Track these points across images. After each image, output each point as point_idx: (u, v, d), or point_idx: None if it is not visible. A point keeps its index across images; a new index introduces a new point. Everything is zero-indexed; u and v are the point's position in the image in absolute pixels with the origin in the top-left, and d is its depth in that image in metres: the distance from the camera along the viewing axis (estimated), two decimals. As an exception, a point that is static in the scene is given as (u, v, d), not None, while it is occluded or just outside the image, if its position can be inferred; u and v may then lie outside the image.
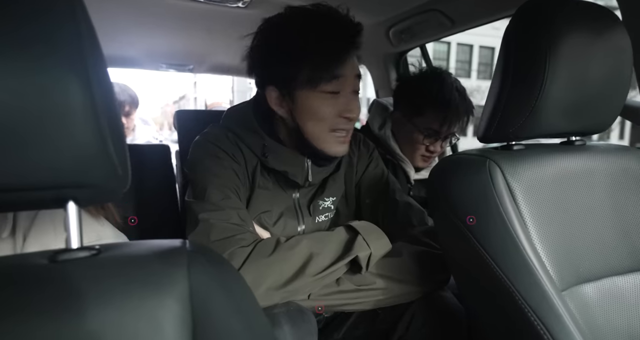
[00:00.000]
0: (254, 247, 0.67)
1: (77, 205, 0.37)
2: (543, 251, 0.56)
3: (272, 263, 0.66)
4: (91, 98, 0.32)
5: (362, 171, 0.93)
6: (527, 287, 0.52)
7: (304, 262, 0.67)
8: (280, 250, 0.67)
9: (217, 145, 0.77)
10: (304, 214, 0.84)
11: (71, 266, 0.35)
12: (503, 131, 0.64)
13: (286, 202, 0.83)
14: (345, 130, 0.76)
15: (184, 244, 0.42)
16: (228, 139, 0.79)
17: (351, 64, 0.74)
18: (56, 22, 0.31)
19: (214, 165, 0.75)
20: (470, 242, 0.57)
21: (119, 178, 0.36)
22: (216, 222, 0.68)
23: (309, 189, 0.86)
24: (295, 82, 0.72)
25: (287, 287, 0.66)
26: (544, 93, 0.59)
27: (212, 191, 0.71)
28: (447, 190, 0.63)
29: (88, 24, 0.33)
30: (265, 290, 0.64)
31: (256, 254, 0.66)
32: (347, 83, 0.74)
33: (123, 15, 1.27)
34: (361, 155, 0.94)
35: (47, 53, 0.30)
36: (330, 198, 0.88)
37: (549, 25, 0.58)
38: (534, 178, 0.61)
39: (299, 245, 0.68)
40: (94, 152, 0.33)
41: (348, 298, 0.72)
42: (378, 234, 0.74)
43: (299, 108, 0.74)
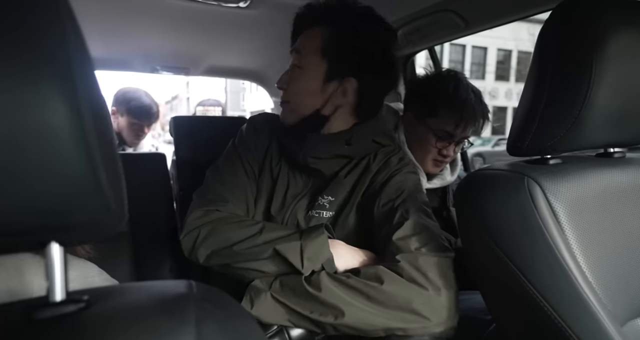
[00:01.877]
0: (224, 215, 0.75)
1: (61, 247, 0.30)
2: (596, 283, 0.50)
3: (226, 233, 0.72)
4: (79, 117, 0.25)
5: (380, 182, 0.82)
6: (586, 328, 0.46)
7: (250, 235, 0.71)
8: (242, 224, 0.73)
9: (254, 126, 0.91)
10: (297, 205, 0.82)
11: (53, 327, 0.28)
12: (539, 144, 0.58)
13: (285, 187, 0.85)
14: (281, 99, 0.87)
15: (190, 289, 0.35)
16: (251, 127, 0.91)
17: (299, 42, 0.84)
18: (36, 24, 0.24)
19: (245, 142, 0.87)
20: (512, 273, 0.51)
21: (113, 213, 0.29)
22: (213, 184, 0.81)
23: (311, 179, 0.85)
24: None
25: (229, 252, 0.70)
26: (589, 101, 0.53)
27: (224, 164, 0.85)
28: (479, 210, 0.57)
29: (74, 26, 0.26)
30: (210, 252, 0.71)
31: (222, 219, 0.74)
32: (292, 57, 0.84)
33: (115, 15, 1.19)
34: (388, 165, 0.84)
35: (23, 62, 0.23)
36: (329, 197, 0.82)
37: (595, 24, 0.52)
38: (577, 197, 0.55)
39: (256, 225, 0.73)
40: (82, 185, 0.27)
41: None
42: (320, 242, 0.68)
43: None
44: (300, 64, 0.82)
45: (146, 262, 1.06)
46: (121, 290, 0.35)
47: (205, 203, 0.76)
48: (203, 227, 0.72)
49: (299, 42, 0.84)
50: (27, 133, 0.24)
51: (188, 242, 0.73)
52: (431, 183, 1.12)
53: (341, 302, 0.61)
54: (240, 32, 1.34)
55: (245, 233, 0.71)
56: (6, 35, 0.23)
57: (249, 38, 1.40)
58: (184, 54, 1.68)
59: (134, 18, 1.21)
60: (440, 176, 1.14)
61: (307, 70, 0.82)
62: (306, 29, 0.82)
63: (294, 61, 0.84)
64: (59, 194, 0.26)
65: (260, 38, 1.41)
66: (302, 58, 0.82)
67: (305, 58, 0.82)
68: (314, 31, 0.81)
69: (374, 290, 0.61)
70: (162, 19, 1.23)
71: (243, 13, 1.16)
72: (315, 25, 0.81)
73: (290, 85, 0.84)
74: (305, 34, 0.83)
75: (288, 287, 0.66)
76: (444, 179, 1.14)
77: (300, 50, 0.82)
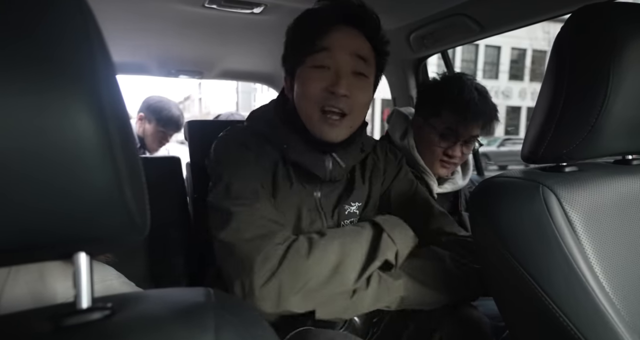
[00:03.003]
0: (288, 246, 0.64)
1: (88, 256, 0.31)
2: (614, 295, 0.49)
3: (309, 265, 0.63)
4: (107, 136, 0.26)
5: (390, 179, 0.90)
6: (600, 336, 0.45)
7: (337, 263, 0.64)
8: (315, 250, 0.64)
9: (241, 141, 0.76)
10: (327, 217, 0.80)
11: (81, 334, 0.30)
12: (555, 151, 0.58)
13: (308, 202, 0.79)
14: (335, 111, 0.72)
15: (208, 298, 0.36)
16: (252, 136, 0.78)
17: (339, 38, 0.72)
18: (65, 43, 0.25)
19: (239, 160, 0.73)
20: (527, 283, 0.50)
21: (136, 227, 0.31)
22: (247, 219, 0.66)
23: (331, 189, 0.82)
24: (294, 64, 0.76)
25: (323, 290, 0.63)
26: (606, 109, 0.52)
27: (239, 186, 0.69)
28: (493, 218, 0.56)
29: (102, 44, 0.27)
30: (302, 293, 0.62)
31: (292, 254, 0.63)
32: (336, 58, 0.72)
33: (134, 22, 1.22)
34: (389, 162, 0.92)
35: (53, 81, 0.24)
36: (357, 203, 0.84)
37: (612, 31, 0.52)
38: (594, 206, 0.54)
39: (332, 246, 0.66)
40: (109, 201, 0.28)
41: (369, 295, 0.67)
42: (402, 228, 0.73)
43: (296, 88, 0.76)
44: (367, 73, 0.75)
45: (161, 264, 1.08)
46: (143, 297, 0.37)
47: (259, 243, 0.63)
48: (280, 272, 0.61)
49: (360, 46, 0.73)
50: (58, 151, 0.25)
51: (270, 295, 0.61)
52: (442, 187, 1.12)
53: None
54: (254, 36, 1.36)
55: (328, 260, 0.64)
56: (37, 55, 0.24)
57: (262, 42, 1.41)
58: (199, 58, 1.71)
59: (152, 25, 1.24)
60: (451, 180, 1.14)
61: (370, 81, 0.76)
62: (337, 29, 0.72)
63: (358, 68, 0.73)
64: (88, 209, 0.27)
65: (273, 42, 1.41)
66: (368, 66, 0.75)
67: (369, 67, 0.75)
68: (356, 34, 0.74)
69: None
70: (179, 25, 1.25)
71: (257, 19, 1.17)
72: (350, 26, 0.73)
73: (356, 96, 0.73)
74: (346, 33, 0.73)
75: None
76: (456, 184, 1.14)
77: (368, 58, 0.74)
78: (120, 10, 1.07)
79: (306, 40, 0.72)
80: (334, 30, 0.72)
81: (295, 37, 0.76)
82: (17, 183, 0.24)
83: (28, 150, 0.24)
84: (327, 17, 0.73)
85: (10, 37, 0.24)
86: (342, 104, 0.71)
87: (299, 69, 0.75)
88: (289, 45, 0.78)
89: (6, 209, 0.24)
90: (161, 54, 1.58)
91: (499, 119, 1.08)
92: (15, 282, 0.48)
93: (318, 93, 0.72)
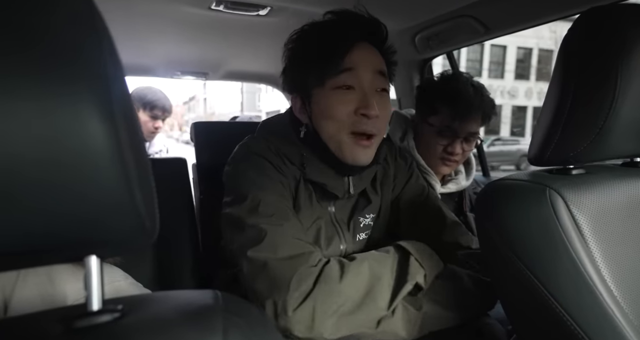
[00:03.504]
0: (322, 268, 0.63)
1: (99, 259, 0.32)
2: (622, 298, 0.49)
3: (342, 289, 0.61)
4: (116, 137, 0.26)
5: (401, 185, 0.88)
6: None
7: (368, 289, 0.63)
8: (347, 274, 0.63)
9: (262, 156, 0.73)
10: (344, 231, 0.79)
11: (92, 336, 0.30)
12: (562, 154, 0.58)
13: (324, 218, 0.78)
14: (367, 133, 0.70)
15: (216, 300, 0.36)
16: (271, 151, 0.74)
17: (362, 57, 0.70)
18: (75, 45, 0.25)
19: (263, 177, 0.70)
20: (535, 287, 0.50)
21: (146, 231, 0.31)
22: (280, 238, 0.64)
23: (344, 202, 0.81)
24: (308, 85, 0.71)
25: (355, 315, 0.61)
26: (614, 112, 0.52)
27: (268, 203, 0.67)
28: (500, 222, 0.56)
29: (110, 45, 0.28)
30: (335, 318, 0.60)
31: (325, 277, 0.61)
32: (360, 77, 0.69)
33: (139, 24, 1.23)
34: (399, 167, 0.89)
35: (60, 83, 0.24)
36: (371, 214, 0.83)
37: (621, 33, 0.51)
38: (601, 208, 0.54)
39: (363, 270, 0.64)
40: (118, 204, 0.28)
41: (394, 324, 0.65)
42: (428, 253, 0.71)
43: (314, 110, 0.72)
44: (387, 88, 0.73)
45: (168, 265, 1.09)
46: (152, 299, 0.37)
47: (294, 264, 0.62)
48: (314, 294, 0.59)
49: (379, 62, 0.72)
50: (69, 155, 0.25)
51: (304, 318, 0.59)
52: (446, 188, 1.12)
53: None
54: (259, 38, 1.36)
55: (361, 284, 0.63)
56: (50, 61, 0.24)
57: (267, 44, 1.41)
58: (204, 60, 1.72)
59: (158, 27, 1.25)
60: (454, 180, 1.13)
61: (389, 94, 0.74)
62: (358, 47, 0.70)
63: (381, 85, 0.72)
64: (99, 213, 0.27)
65: (278, 44, 1.42)
66: (386, 80, 0.73)
67: (387, 80, 0.74)
68: (374, 50, 0.73)
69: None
70: (184, 27, 1.26)
71: (262, 21, 1.18)
72: (364, 41, 0.72)
73: (383, 115, 0.71)
74: (366, 51, 0.71)
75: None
76: (459, 184, 1.13)
77: (385, 73, 0.73)
78: (127, 12, 1.08)
79: (327, 62, 0.68)
80: (356, 49, 0.69)
81: (308, 58, 0.71)
82: (29, 186, 0.24)
83: (40, 154, 0.24)
84: (347, 35, 0.70)
85: (24, 44, 0.24)
86: (372, 126, 0.69)
87: (315, 90, 0.71)
88: (299, 65, 0.73)
89: (18, 212, 0.25)
90: (167, 55, 1.59)
91: (496, 113, 1.08)
92: (24, 283, 0.49)
93: (347, 116, 0.69)
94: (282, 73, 0.78)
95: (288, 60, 0.75)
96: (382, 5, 1.04)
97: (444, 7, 1.04)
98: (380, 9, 0.78)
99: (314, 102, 0.72)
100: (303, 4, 1.06)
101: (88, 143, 0.25)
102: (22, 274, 0.50)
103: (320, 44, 0.69)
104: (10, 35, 0.23)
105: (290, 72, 0.76)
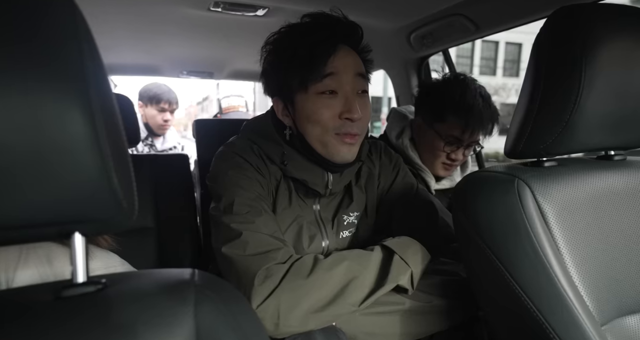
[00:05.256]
0: (291, 264, 0.64)
1: (83, 237, 0.36)
2: (580, 281, 0.51)
3: (311, 285, 0.62)
4: (93, 128, 0.30)
5: (388, 183, 0.89)
6: (562, 322, 0.48)
7: (342, 286, 0.63)
8: (318, 270, 0.63)
9: (242, 157, 0.75)
10: (327, 228, 0.81)
11: (76, 303, 0.34)
12: (533, 147, 0.60)
13: (308, 215, 0.80)
14: (352, 133, 0.72)
15: (192, 276, 0.40)
16: (252, 151, 0.77)
17: (343, 61, 0.71)
18: (53, 43, 0.29)
19: (240, 176, 0.73)
20: (498, 270, 0.53)
21: (125, 211, 0.35)
22: (248, 235, 0.66)
23: (329, 200, 0.83)
24: (291, 89, 0.72)
25: (324, 311, 0.61)
26: (579, 106, 0.54)
27: (240, 202, 0.70)
28: (472, 211, 0.59)
29: (90, 43, 0.31)
30: (301, 313, 0.60)
31: (294, 273, 0.63)
32: (343, 81, 0.71)
33: (145, 26, 1.28)
34: (383, 165, 0.90)
35: (43, 80, 0.28)
36: (355, 212, 0.85)
37: (585, 31, 0.53)
38: (568, 199, 0.56)
39: (338, 267, 0.64)
40: (97, 187, 0.32)
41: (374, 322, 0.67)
42: (414, 248, 0.71)
43: (298, 114, 0.73)
44: (367, 88, 0.75)
45: (169, 255, 1.14)
46: (134, 275, 0.41)
47: (259, 260, 0.63)
48: (279, 291, 0.60)
49: (358, 64, 0.74)
50: (52, 142, 0.29)
51: (268, 315, 0.59)
52: (440, 184, 1.14)
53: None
54: (259, 38, 1.40)
55: (333, 282, 0.63)
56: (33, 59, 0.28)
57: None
58: (208, 60, 1.77)
59: (161, 28, 1.30)
60: (449, 177, 1.15)
61: (368, 95, 0.76)
62: (338, 52, 0.71)
63: (361, 87, 0.73)
64: (79, 193, 0.31)
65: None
66: (365, 81, 0.75)
67: (366, 81, 0.75)
68: (353, 53, 0.74)
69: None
70: (187, 28, 1.31)
71: (261, 21, 1.21)
72: (343, 44, 0.73)
73: (365, 115, 0.73)
74: (346, 54, 0.72)
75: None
76: (453, 180, 1.15)
77: (364, 75, 0.75)
78: (131, 15, 1.13)
79: (309, 67, 0.69)
80: (337, 54, 0.70)
81: (289, 62, 0.71)
82: (19, 169, 0.29)
83: (27, 141, 0.28)
84: (328, 40, 0.70)
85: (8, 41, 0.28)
86: (357, 127, 0.72)
87: (298, 95, 0.72)
88: (279, 69, 0.74)
89: (10, 191, 0.29)
90: (172, 55, 1.64)
91: (499, 122, 1.08)
92: (26, 264, 0.54)
93: (331, 121, 0.71)
94: (261, 76, 0.79)
95: (267, 63, 0.76)
96: (376, 5, 1.07)
97: (435, 6, 1.06)
98: (374, 9, 0.80)
99: (297, 106, 0.73)
100: (300, 5, 1.10)
101: (67, 132, 0.29)
102: (24, 256, 0.54)
103: (301, 49, 0.69)
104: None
105: (270, 76, 0.77)
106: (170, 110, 1.99)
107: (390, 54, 1.46)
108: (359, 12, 1.07)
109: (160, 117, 1.97)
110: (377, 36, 1.34)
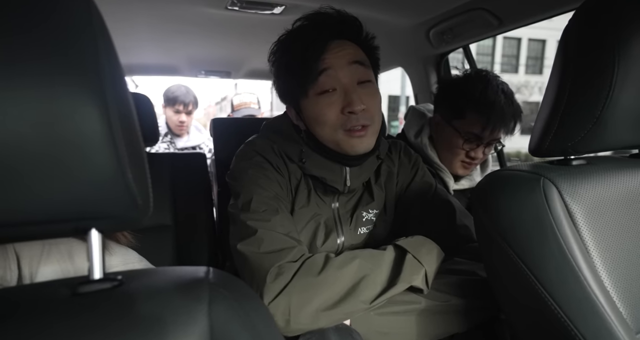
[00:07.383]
0: (302, 263, 0.64)
1: (99, 233, 0.36)
2: (612, 286, 0.49)
3: (322, 283, 0.62)
4: (108, 125, 0.30)
5: (407, 182, 0.88)
6: (592, 328, 0.45)
7: (353, 284, 0.63)
8: (329, 268, 0.63)
9: (262, 156, 0.77)
10: (344, 225, 0.81)
11: (93, 299, 0.34)
12: (560, 144, 0.57)
13: (326, 213, 0.80)
14: (359, 125, 0.71)
15: (207, 274, 0.40)
16: (273, 150, 0.78)
17: (334, 54, 0.71)
18: (70, 39, 0.29)
19: (260, 176, 0.74)
20: (522, 272, 0.51)
21: (140, 208, 0.35)
22: (265, 233, 0.66)
23: (348, 197, 0.83)
24: (295, 96, 0.74)
25: (335, 309, 0.61)
26: (612, 101, 0.51)
27: (259, 202, 0.71)
28: (494, 211, 0.57)
29: (107, 42, 0.31)
30: (312, 311, 0.60)
31: (305, 271, 0.63)
32: (338, 75, 0.71)
33: (165, 26, 1.30)
34: (402, 164, 0.89)
35: (59, 75, 0.28)
36: (374, 210, 0.84)
37: (618, 21, 0.51)
38: (598, 199, 0.53)
39: (349, 265, 0.64)
40: (113, 184, 0.32)
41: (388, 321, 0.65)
42: (428, 248, 0.70)
43: (307, 118, 0.75)
44: (369, 77, 0.75)
45: (186, 253, 1.15)
46: (150, 273, 0.41)
47: (272, 258, 0.64)
48: (290, 289, 0.61)
49: (354, 53, 0.73)
50: (67, 137, 0.29)
51: (279, 312, 0.60)
52: (459, 184, 1.11)
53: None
54: (276, 37, 1.40)
55: (343, 280, 0.63)
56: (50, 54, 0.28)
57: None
58: (226, 59, 1.78)
59: (179, 27, 1.31)
60: (468, 177, 1.12)
61: (375, 84, 0.76)
62: (327, 47, 0.71)
63: (362, 77, 0.73)
64: (94, 190, 0.31)
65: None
66: (367, 69, 0.75)
67: (368, 69, 0.75)
68: (346, 42, 0.73)
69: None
70: (204, 28, 1.32)
71: (277, 19, 1.21)
72: (335, 39, 0.73)
73: (370, 105, 0.72)
74: (339, 47, 0.72)
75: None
76: (473, 180, 1.12)
77: (364, 61, 0.74)
78: (149, 15, 1.15)
79: (303, 69, 0.70)
80: (327, 49, 0.70)
81: (288, 69, 0.73)
82: (34, 164, 0.28)
83: (43, 136, 0.28)
84: (316, 38, 0.70)
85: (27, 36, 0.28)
86: (363, 118, 0.71)
87: (302, 100, 0.73)
88: (283, 77, 0.75)
89: (25, 186, 0.29)
90: (190, 55, 1.66)
91: (522, 119, 1.04)
92: (48, 260, 0.55)
93: (335, 119, 0.71)
94: (272, 85, 0.80)
95: (273, 73, 0.78)
96: (394, 2, 1.05)
97: (456, 0, 1.03)
98: (393, 5, 0.78)
99: (304, 111, 0.75)
100: (316, 1, 1.09)
101: (82, 127, 0.29)
102: (46, 252, 0.55)
103: (295, 54, 0.71)
104: (13, 29, 0.27)
105: (277, 85, 0.79)
106: (186, 112, 2.02)
107: (409, 51, 1.43)
108: (376, 9, 1.06)
109: (176, 118, 2.01)
110: (395, 33, 1.32)
